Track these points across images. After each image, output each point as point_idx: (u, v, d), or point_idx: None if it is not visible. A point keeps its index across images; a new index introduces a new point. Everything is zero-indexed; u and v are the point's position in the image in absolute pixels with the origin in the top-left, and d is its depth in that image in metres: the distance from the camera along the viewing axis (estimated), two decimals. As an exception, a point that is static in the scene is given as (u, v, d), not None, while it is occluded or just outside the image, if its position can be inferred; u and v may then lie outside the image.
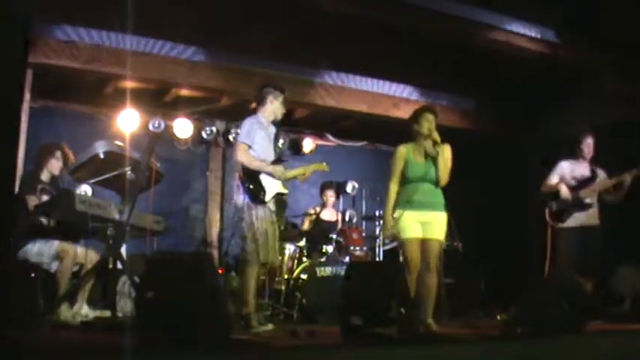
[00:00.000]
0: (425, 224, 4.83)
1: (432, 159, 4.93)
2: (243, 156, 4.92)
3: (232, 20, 6.07)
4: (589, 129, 6.01)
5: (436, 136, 4.90)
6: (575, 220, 5.83)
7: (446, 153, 4.96)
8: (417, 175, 4.91)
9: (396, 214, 4.92)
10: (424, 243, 4.82)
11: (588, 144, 5.97)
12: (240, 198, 4.93)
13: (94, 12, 5.85)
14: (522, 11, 6.37)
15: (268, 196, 4.92)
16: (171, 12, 5.85)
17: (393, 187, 4.97)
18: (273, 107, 5.13)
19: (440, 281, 5.40)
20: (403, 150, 5.04)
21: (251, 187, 4.89)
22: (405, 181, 4.95)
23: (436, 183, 4.93)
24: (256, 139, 4.97)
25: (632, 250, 6.34)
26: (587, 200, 5.84)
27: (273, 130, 5.19)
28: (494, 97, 7.68)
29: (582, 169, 6.01)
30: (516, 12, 6.35)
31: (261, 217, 4.87)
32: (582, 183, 5.92)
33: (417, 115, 5.07)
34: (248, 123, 5.04)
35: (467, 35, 6.25)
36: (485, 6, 6.18)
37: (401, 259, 5.03)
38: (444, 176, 4.93)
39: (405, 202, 4.90)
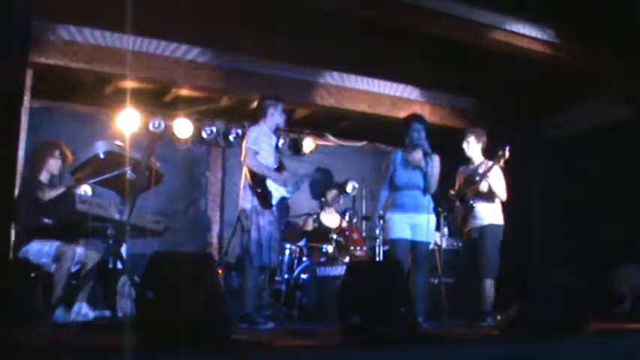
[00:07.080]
0: (413, 227, 4.97)
1: (420, 168, 5.05)
2: (251, 161, 5.13)
3: (232, 20, 6.07)
4: (470, 129, 5.82)
5: (426, 146, 5.01)
6: (470, 223, 5.75)
7: (435, 163, 5.07)
8: (403, 183, 5.05)
9: (386, 217, 5.07)
10: (413, 244, 4.99)
11: (467, 142, 5.77)
12: (248, 202, 5.12)
13: (94, 12, 5.85)
14: (522, 11, 6.36)
15: (275, 200, 5.16)
16: (171, 12, 5.85)
17: (384, 193, 5.21)
18: (275, 117, 5.41)
19: (429, 280, 5.51)
20: (393, 157, 5.22)
21: (259, 191, 5.12)
22: (393, 187, 5.08)
23: (423, 191, 5.10)
24: (262, 147, 5.21)
25: (632, 250, 6.34)
26: (472, 203, 5.67)
27: (274, 139, 5.46)
28: (494, 97, 7.67)
29: (470, 169, 5.85)
30: (516, 12, 6.34)
31: (268, 221, 5.12)
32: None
33: (404, 125, 5.19)
34: (254, 131, 5.29)
35: (467, 35, 6.24)
36: (486, 6, 6.18)
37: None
38: (432, 185, 5.06)
39: (393, 205, 5.12)
